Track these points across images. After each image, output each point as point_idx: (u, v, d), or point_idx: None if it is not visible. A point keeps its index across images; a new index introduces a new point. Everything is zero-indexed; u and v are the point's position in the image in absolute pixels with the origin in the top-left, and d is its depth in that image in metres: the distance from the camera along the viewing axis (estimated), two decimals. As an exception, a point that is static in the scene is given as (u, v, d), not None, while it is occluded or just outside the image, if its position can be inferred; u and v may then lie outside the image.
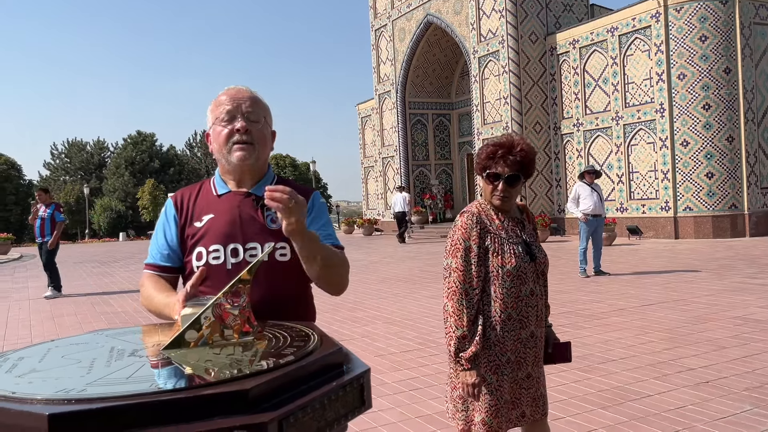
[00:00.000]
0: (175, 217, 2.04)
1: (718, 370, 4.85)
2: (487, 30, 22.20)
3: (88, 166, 69.92)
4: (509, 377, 2.45)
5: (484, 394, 2.43)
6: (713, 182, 17.16)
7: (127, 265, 17.95)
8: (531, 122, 21.47)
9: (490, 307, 2.43)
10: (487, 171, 2.48)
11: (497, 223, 2.48)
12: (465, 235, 2.43)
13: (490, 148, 2.49)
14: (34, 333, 7.81)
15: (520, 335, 2.45)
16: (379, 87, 29.46)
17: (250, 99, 1.98)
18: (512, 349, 2.44)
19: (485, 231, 2.44)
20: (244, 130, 1.93)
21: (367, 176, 32.26)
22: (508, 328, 2.43)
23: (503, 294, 2.41)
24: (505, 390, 2.45)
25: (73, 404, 1.12)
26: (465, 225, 2.45)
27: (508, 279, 2.41)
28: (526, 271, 2.45)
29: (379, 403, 4.32)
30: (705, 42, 17.11)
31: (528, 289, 2.46)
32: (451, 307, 2.41)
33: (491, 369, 2.43)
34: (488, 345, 2.43)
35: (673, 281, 9.63)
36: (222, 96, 1.99)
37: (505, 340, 2.43)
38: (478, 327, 2.39)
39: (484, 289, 2.43)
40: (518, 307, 2.43)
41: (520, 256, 2.44)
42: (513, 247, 2.45)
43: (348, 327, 7.26)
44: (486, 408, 2.43)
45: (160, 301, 1.91)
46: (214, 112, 1.99)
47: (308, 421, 1.25)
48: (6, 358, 1.50)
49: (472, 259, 2.41)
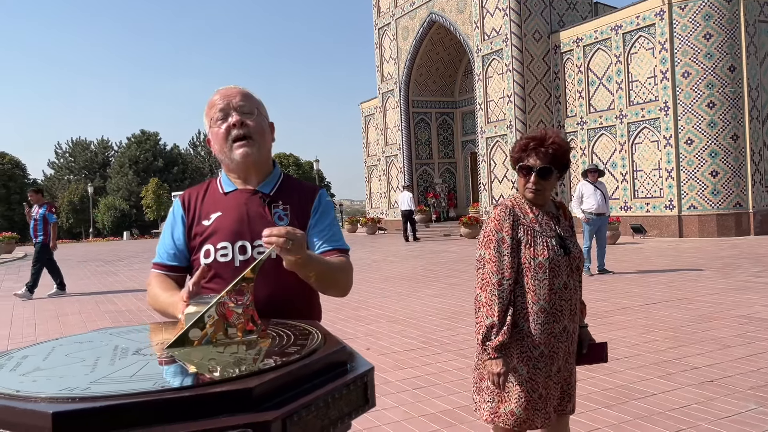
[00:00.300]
0: (183, 216, 2.05)
1: (723, 368, 4.84)
2: (491, 28, 22.17)
3: (92, 165, 70.10)
4: (543, 371, 2.45)
5: (514, 385, 2.44)
6: (718, 180, 17.11)
7: (131, 264, 17.99)
8: (534, 121, 21.43)
9: (523, 298, 2.44)
10: (519, 164, 2.51)
11: (531, 216, 2.49)
12: (498, 227, 2.46)
13: (524, 141, 2.52)
14: (38, 331, 7.83)
15: (553, 329, 2.46)
16: (382, 86, 29.45)
17: (240, 94, 2.00)
18: (545, 342, 2.44)
19: (518, 223, 2.47)
20: (239, 123, 1.94)
21: (370, 175, 32.26)
22: (540, 320, 2.43)
23: (535, 286, 2.42)
24: (539, 383, 2.45)
25: (77, 402, 1.12)
26: (498, 217, 2.48)
27: (540, 271, 2.42)
28: (559, 264, 2.46)
29: (383, 401, 4.32)
30: (709, 40, 17.05)
31: (561, 282, 2.46)
32: (483, 297, 2.44)
33: (522, 360, 2.44)
34: (520, 337, 2.44)
35: (678, 280, 9.60)
36: (213, 97, 2.01)
37: (537, 332, 2.43)
38: (508, 317, 2.41)
39: (517, 281, 2.44)
40: (551, 300, 2.44)
41: (553, 248, 2.45)
42: (546, 239, 2.46)
43: (351, 326, 7.26)
44: (516, 399, 2.43)
45: (165, 300, 1.92)
46: (208, 114, 2.01)
47: (312, 419, 1.25)
48: (10, 356, 1.50)
49: (505, 250, 2.43)
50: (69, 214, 62.04)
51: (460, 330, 6.75)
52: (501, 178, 22.40)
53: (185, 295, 1.72)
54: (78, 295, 11.20)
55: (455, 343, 6.16)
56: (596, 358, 2.68)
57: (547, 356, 2.46)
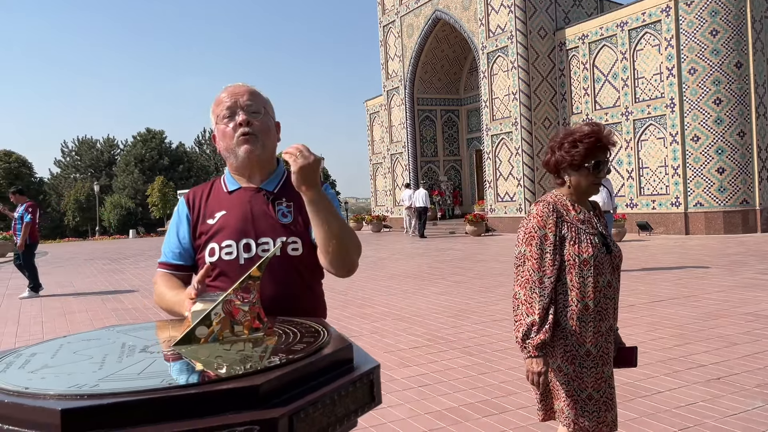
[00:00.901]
0: (188, 215, 2.06)
1: (730, 366, 4.83)
2: (496, 25, 22.12)
3: (98, 164, 70.33)
4: (592, 372, 2.41)
5: (560, 383, 2.41)
6: (724, 177, 17.03)
7: (137, 262, 18.05)
8: (540, 118, 21.38)
9: (566, 296, 2.40)
10: (592, 161, 2.45)
11: (573, 213, 2.47)
12: (540, 223, 2.42)
13: (591, 138, 2.45)
14: (45, 330, 7.87)
15: (599, 327, 2.42)
16: (387, 83, 29.43)
17: (247, 92, 2.00)
18: (592, 342, 2.41)
19: (561, 220, 2.43)
20: (246, 122, 1.95)
21: (375, 173, 32.24)
22: (585, 318, 2.40)
23: (579, 283, 2.39)
24: (587, 384, 2.40)
25: (85, 399, 1.13)
26: (541, 213, 2.44)
27: (585, 268, 2.39)
28: (603, 262, 2.43)
29: (388, 399, 4.33)
30: (716, 36, 16.97)
31: (605, 280, 2.43)
32: (523, 295, 2.40)
33: (568, 359, 2.40)
34: (564, 335, 2.40)
35: (684, 277, 9.57)
36: (221, 94, 2.01)
37: (583, 330, 2.40)
38: (550, 316, 2.36)
39: (559, 278, 2.40)
40: (596, 298, 2.40)
41: (597, 246, 2.43)
42: (590, 237, 2.43)
43: (357, 323, 7.27)
44: (563, 397, 2.41)
45: (171, 298, 1.93)
46: (215, 111, 2.01)
47: (318, 416, 1.26)
48: (19, 354, 1.51)
49: (548, 247, 2.39)
50: (75, 212, 62.29)
51: (466, 328, 6.75)
52: (506, 176, 22.36)
53: (192, 293, 1.73)
54: (85, 293, 11.25)
55: (461, 340, 6.16)
56: (627, 362, 2.61)
57: (595, 356, 2.41)
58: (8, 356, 1.49)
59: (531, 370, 2.39)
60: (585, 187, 2.49)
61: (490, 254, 15.15)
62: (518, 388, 4.52)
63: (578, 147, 2.45)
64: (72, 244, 33.71)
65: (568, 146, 2.48)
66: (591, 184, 2.48)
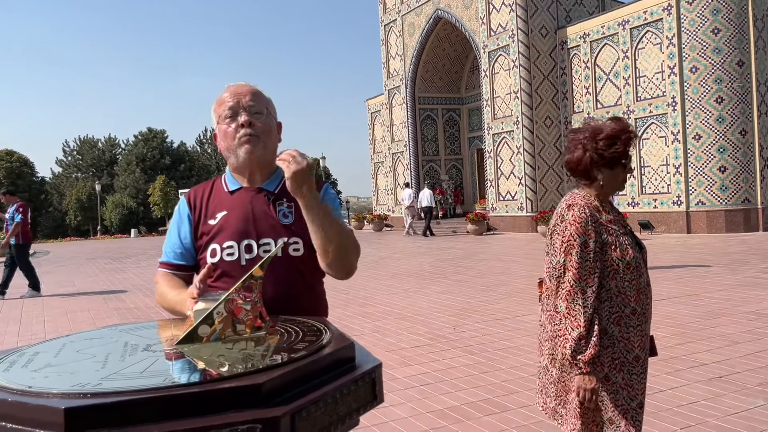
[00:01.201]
0: (189, 215, 2.06)
1: (731, 365, 4.82)
2: (497, 24, 22.10)
3: (99, 163, 70.37)
4: (642, 378, 2.34)
5: (608, 393, 2.30)
6: (726, 176, 17.01)
7: (139, 261, 18.07)
8: (542, 117, 21.37)
9: (610, 303, 2.29)
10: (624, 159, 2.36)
11: (605, 215, 2.35)
12: (580, 230, 2.27)
13: (628, 134, 2.34)
14: (47, 329, 7.88)
15: (644, 329, 2.33)
16: (388, 82, 29.42)
17: (250, 93, 2.00)
18: (640, 346, 2.32)
19: (599, 224, 2.31)
20: (247, 123, 1.95)
21: (376, 172, 32.24)
22: (632, 323, 2.30)
23: (624, 287, 2.29)
24: (638, 391, 2.33)
25: (88, 398, 1.13)
26: (579, 219, 2.29)
27: (628, 271, 2.29)
28: (639, 262, 2.34)
29: (390, 398, 4.33)
30: (717, 35, 16.94)
31: (645, 279, 2.36)
32: (565, 308, 2.27)
33: (616, 367, 2.30)
34: (612, 342, 2.29)
35: (686, 276, 9.57)
36: (224, 94, 2.01)
37: (630, 335, 2.30)
38: (596, 326, 2.24)
39: (601, 285, 2.28)
40: (640, 300, 2.32)
41: (633, 246, 2.34)
42: (625, 238, 2.34)
43: (358, 322, 7.27)
44: (611, 408, 2.30)
45: (172, 298, 1.93)
46: (217, 110, 2.01)
47: (320, 415, 1.26)
48: (22, 353, 1.52)
49: (589, 254, 2.26)
50: (77, 211, 62.34)
51: (468, 327, 6.75)
52: (508, 175, 22.35)
53: (194, 292, 1.74)
54: (87, 293, 11.26)
55: (462, 339, 6.16)
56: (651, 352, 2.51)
57: (644, 360, 2.33)
58: (11, 355, 1.50)
59: (584, 387, 2.24)
60: (618, 184, 2.39)
61: (492, 253, 15.15)
62: (520, 387, 4.52)
63: (617, 143, 2.33)
64: (74, 244, 33.75)
65: (603, 144, 2.33)
66: (623, 181, 2.39)
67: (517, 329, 6.49)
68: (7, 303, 10.35)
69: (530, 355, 5.41)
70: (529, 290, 9.00)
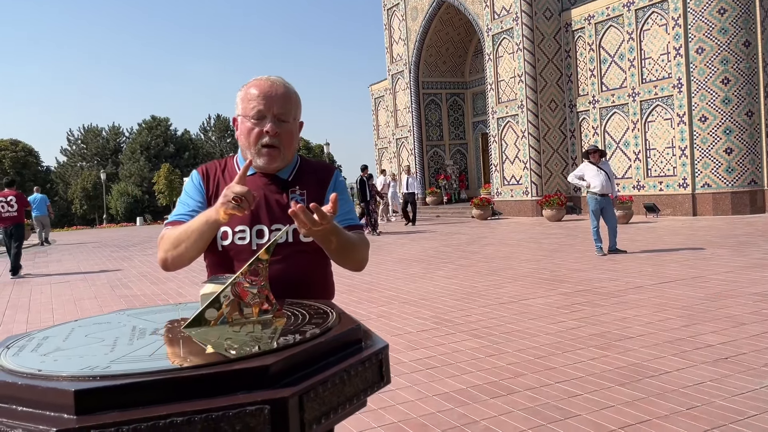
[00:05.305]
0: (201, 185, 2.04)
1: (737, 346, 4.83)
2: (501, 7, 21.92)
3: (104, 152, 70.49)
4: None
5: None
6: (732, 158, 16.92)
7: (145, 249, 18.14)
8: (546, 100, 21.24)
9: None
10: None
11: None
12: None
13: None
14: (56, 315, 7.94)
15: None
16: (392, 67, 29.28)
17: (282, 98, 1.94)
18: None
19: None
20: (273, 133, 1.93)
21: (381, 157, 32.19)
22: None
23: None
24: None
25: (98, 381, 1.14)
26: None
27: None
28: None
29: (396, 381, 4.35)
30: (724, 15, 16.76)
31: None
32: None
33: None
34: None
35: (691, 258, 9.55)
36: (254, 89, 1.95)
37: None
38: None
39: None
40: None
41: None
42: None
43: (364, 307, 7.30)
44: None
45: (194, 220, 1.89)
46: (244, 102, 1.96)
47: (328, 396, 1.27)
48: (31, 337, 1.53)
49: None
50: (82, 200, 62.58)
51: (473, 311, 6.77)
52: (513, 159, 22.27)
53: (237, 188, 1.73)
54: (93, 280, 11.33)
55: (468, 323, 6.18)
56: None
57: None
58: (21, 340, 1.51)
59: None
60: None
61: (497, 237, 15.14)
62: (526, 370, 4.54)
63: None
64: (80, 232, 33.91)
65: None
66: None
67: (522, 313, 6.50)
68: (15, 291, 10.43)
69: (536, 338, 5.43)
70: (534, 274, 9.00)
